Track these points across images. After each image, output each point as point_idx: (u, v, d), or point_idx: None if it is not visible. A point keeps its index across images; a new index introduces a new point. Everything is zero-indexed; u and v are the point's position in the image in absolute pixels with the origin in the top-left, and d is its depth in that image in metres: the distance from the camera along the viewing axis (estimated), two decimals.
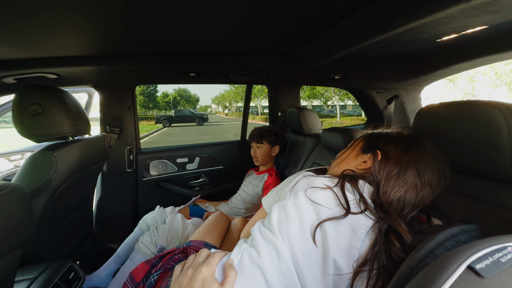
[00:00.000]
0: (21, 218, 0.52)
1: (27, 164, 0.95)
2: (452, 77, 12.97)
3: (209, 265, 0.49)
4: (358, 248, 0.48)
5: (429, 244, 0.38)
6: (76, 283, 0.91)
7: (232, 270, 0.48)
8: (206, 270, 0.48)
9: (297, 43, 1.23)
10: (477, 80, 12.79)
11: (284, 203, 0.54)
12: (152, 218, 1.29)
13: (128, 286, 0.62)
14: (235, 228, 0.91)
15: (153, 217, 1.29)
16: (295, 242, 0.48)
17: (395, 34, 0.97)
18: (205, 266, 0.48)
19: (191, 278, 0.47)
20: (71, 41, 1.01)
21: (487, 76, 11.93)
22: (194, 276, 0.47)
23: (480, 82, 12.71)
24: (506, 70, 11.20)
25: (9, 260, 0.54)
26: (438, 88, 14.34)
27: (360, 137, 0.70)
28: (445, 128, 0.59)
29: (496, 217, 0.45)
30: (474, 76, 12.75)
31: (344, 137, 1.05)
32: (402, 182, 0.53)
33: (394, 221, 0.49)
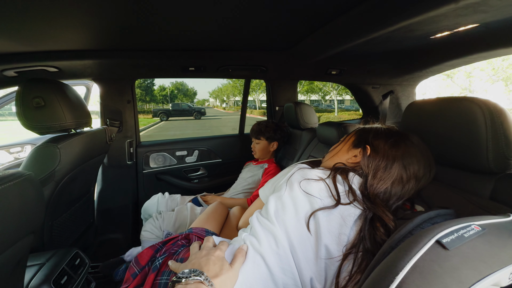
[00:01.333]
0: (35, 205, 0.56)
1: (32, 156, 0.98)
2: (449, 72, 13.02)
3: (221, 250, 0.55)
4: (347, 234, 0.52)
5: (408, 226, 0.42)
6: (81, 269, 0.95)
7: (242, 253, 0.53)
8: (219, 251, 0.54)
9: (295, 39, 1.26)
10: (475, 76, 12.85)
11: (280, 194, 0.58)
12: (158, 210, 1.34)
13: (133, 269, 0.67)
14: (233, 217, 0.96)
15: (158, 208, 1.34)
16: (291, 230, 0.53)
17: (390, 31, 1.00)
18: (219, 250, 0.55)
19: (207, 253, 0.53)
20: (72, 35, 1.02)
21: (485, 71, 11.99)
22: (210, 252, 0.53)
23: (477, 78, 12.78)
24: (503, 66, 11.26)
25: (24, 244, 0.57)
26: (435, 84, 14.41)
27: (352, 132, 0.73)
28: (430, 123, 0.63)
29: (471, 204, 0.50)
30: (471, 71, 12.80)
31: (339, 131, 1.09)
32: (389, 175, 0.58)
33: (379, 210, 0.53)
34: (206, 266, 0.50)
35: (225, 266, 0.50)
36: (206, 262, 0.51)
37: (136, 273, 0.67)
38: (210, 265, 0.50)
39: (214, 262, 0.51)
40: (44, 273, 0.81)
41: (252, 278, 0.51)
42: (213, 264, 0.50)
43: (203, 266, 0.50)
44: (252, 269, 0.51)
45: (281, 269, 0.51)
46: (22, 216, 0.51)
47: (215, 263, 0.51)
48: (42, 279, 0.78)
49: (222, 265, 0.50)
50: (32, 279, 0.78)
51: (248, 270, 0.51)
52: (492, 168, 0.51)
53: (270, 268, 0.51)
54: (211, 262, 0.51)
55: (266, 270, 0.51)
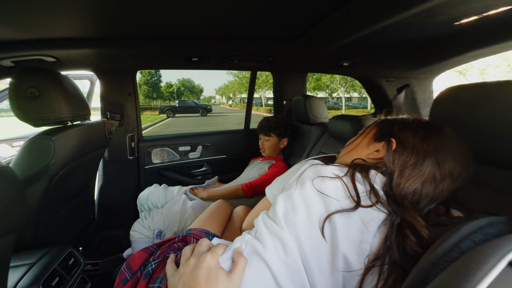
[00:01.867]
0: (10, 202, 0.49)
1: (25, 148, 0.93)
2: (462, 69, 12.64)
3: (213, 253, 0.46)
4: (370, 242, 0.44)
5: (454, 237, 0.34)
6: (76, 269, 0.90)
7: (241, 257, 0.45)
8: (210, 257, 0.45)
9: (304, 27, 1.17)
10: (488, 73, 12.44)
11: (290, 194, 0.50)
12: (148, 200, 1.28)
13: (124, 274, 0.60)
14: (237, 217, 0.89)
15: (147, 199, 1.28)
16: (302, 236, 0.45)
17: (410, 16, 0.90)
18: (210, 254, 0.45)
19: (195, 267, 0.44)
20: (69, 21, 0.96)
21: (499, 68, 11.58)
22: (198, 264, 0.44)
23: (491, 75, 12.36)
24: None
25: (1, 245, 0.51)
26: (447, 81, 14.02)
27: (373, 124, 0.65)
28: (469, 113, 0.53)
29: None
30: (485, 68, 12.41)
31: (353, 125, 1.00)
32: (419, 173, 0.49)
33: (409, 214, 0.45)
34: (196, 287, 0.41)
35: (220, 277, 0.42)
36: (195, 281, 0.42)
37: (127, 279, 0.61)
38: (201, 284, 0.41)
39: (205, 277, 0.42)
40: (33, 273, 0.75)
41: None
42: (204, 281, 0.42)
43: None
44: (256, 278, 0.44)
45: (290, 281, 0.43)
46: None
47: (208, 279, 0.42)
48: (31, 280, 0.73)
49: (217, 278, 0.42)
50: (20, 280, 0.73)
51: (251, 279, 0.43)
52: None
53: (277, 279, 0.43)
54: (201, 278, 0.42)
55: (272, 281, 0.43)
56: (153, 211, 1.15)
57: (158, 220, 1.10)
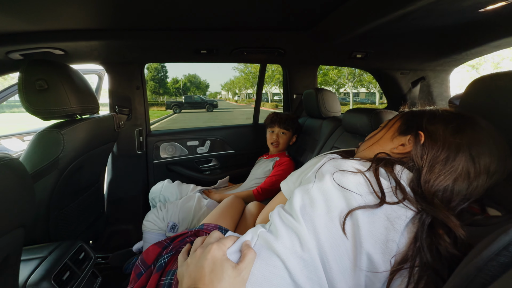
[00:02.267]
0: (18, 195, 0.48)
1: (34, 142, 0.92)
2: (475, 63, 12.23)
3: (220, 244, 0.44)
4: (397, 241, 0.41)
5: (501, 239, 0.30)
6: (86, 263, 0.90)
7: (250, 249, 0.43)
8: (216, 248, 0.43)
9: (317, 16, 1.12)
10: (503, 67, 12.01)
11: (308, 187, 0.47)
12: (161, 194, 1.28)
13: (139, 268, 0.60)
14: (249, 214, 0.86)
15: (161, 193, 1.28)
16: (321, 231, 0.42)
17: (432, 2, 0.84)
18: (216, 245, 0.44)
19: (201, 257, 0.43)
20: (77, 12, 0.94)
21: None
22: (204, 255, 0.43)
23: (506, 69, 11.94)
24: None
25: (11, 239, 0.50)
26: (459, 76, 13.59)
27: (396, 116, 0.61)
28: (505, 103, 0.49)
29: None
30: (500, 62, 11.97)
31: (371, 118, 0.95)
32: (451, 169, 0.45)
33: (441, 213, 0.41)
34: (201, 280, 0.40)
35: (226, 268, 0.40)
36: (200, 271, 0.41)
37: (142, 273, 0.60)
38: (205, 276, 0.40)
39: (210, 268, 0.41)
40: (44, 268, 0.75)
41: (267, 284, 0.41)
42: (209, 271, 0.40)
43: (197, 280, 0.40)
44: (267, 271, 0.41)
45: (305, 277, 0.40)
46: (2, 207, 0.43)
47: (212, 270, 0.41)
48: (42, 275, 0.72)
49: (223, 268, 0.40)
50: (32, 274, 0.72)
51: (262, 272, 0.41)
52: None
53: (292, 274, 0.40)
54: (206, 268, 0.41)
55: (285, 275, 0.41)
56: (168, 204, 1.15)
57: (173, 212, 1.10)
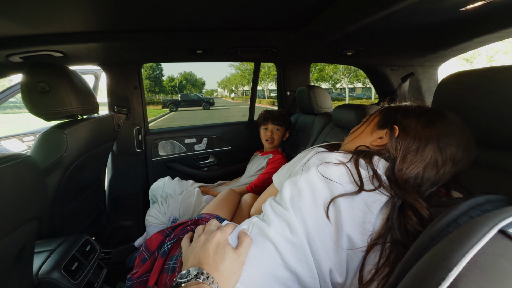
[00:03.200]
0: (34, 189, 0.53)
1: (39, 142, 0.96)
2: (469, 56, 12.33)
3: (223, 232, 0.50)
4: (373, 223, 0.46)
5: (452, 213, 0.36)
6: (92, 255, 0.95)
7: (246, 236, 0.48)
8: (220, 234, 0.49)
9: (308, 15, 1.16)
10: (497, 60, 12.13)
11: (296, 179, 0.53)
12: (163, 191, 1.33)
13: (143, 254, 0.65)
14: (245, 204, 0.92)
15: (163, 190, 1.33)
16: (308, 217, 0.48)
17: (417, 2, 0.89)
18: (219, 231, 0.49)
19: (206, 241, 0.48)
20: (75, 15, 0.98)
21: (508, 55, 11.28)
22: (208, 239, 0.48)
23: (500, 62, 12.06)
24: None
25: (27, 230, 0.55)
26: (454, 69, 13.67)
27: (376, 112, 0.66)
28: (471, 98, 0.54)
29: None
30: (493, 55, 12.09)
31: (358, 113, 1.01)
32: (421, 158, 0.51)
33: (410, 197, 0.47)
34: (205, 260, 0.45)
35: (227, 251, 0.46)
36: (205, 253, 0.46)
37: (146, 258, 0.65)
38: (209, 256, 0.45)
39: (214, 250, 0.46)
40: (54, 259, 0.80)
41: (261, 265, 0.46)
42: (213, 253, 0.46)
43: (202, 260, 0.45)
44: (260, 254, 0.47)
45: (295, 258, 0.46)
46: (20, 200, 0.48)
47: (216, 252, 0.46)
48: (52, 265, 0.78)
49: (224, 251, 0.46)
50: (43, 265, 0.77)
51: (256, 255, 0.47)
52: None
53: (283, 255, 0.46)
54: (210, 251, 0.46)
55: (277, 257, 0.46)
56: (169, 199, 1.20)
57: (174, 207, 1.16)
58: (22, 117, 11.55)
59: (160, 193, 1.33)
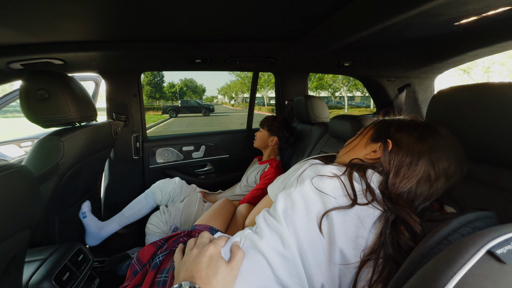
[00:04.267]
0: (27, 199, 0.53)
1: (35, 149, 0.96)
2: (466, 67, 12.50)
3: (216, 245, 0.49)
4: (365, 237, 0.46)
5: (443, 230, 0.36)
6: (85, 265, 0.93)
7: (239, 250, 0.48)
8: (213, 248, 0.48)
9: (306, 28, 1.19)
10: (493, 71, 12.30)
11: (290, 192, 0.53)
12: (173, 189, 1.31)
13: (135, 267, 0.64)
14: (240, 215, 0.91)
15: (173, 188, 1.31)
16: (300, 231, 0.47)
17: (410, 17, 0.92)
18: (212, 245, 0.49)
19: (198, 254, 0.48)
20: (76, 25, 0.99)
21: (505, 66, 11.45)
22: (201, 252, 0.48)
23: (496, 73, 12.23)
24: None
25: (18, 240, 0.55)
26: (451, 80, 13.87)
27: (370, 125, 0.66)
28: (462, 113, 0.55)
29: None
30: (490, 66, 12.27)
31: (353, 124, 1.02)
32: (414, 172, 0.51)
33: (403, 212, 0.47)
34: (198, 273, 0.44)
35: (220, 265, 0.45)
36: (197, 266, 0.45)
37: (137, 271, 0.64)
38: (202, 270, 0.45)
39: (207, 264, 0.45)
40: (45, 269, 0.79)
41: (252, 279, 0.45)
42: (206, 266, 0.45)
43: (194, 274, 0.44)
44: (252, 268, 0.46)
45: (286, 272, 0.46)
46: (12, 210, 0.48)
47: (208, 265, 0.45)
48: (43, 275, 0.76)
49: (217, 265, 0.45)
50: (33, 275, 0.76)
51: (248, 269, 0.46)
52: None
53: (274, 270, 0.46)
54: (203, 264, 0.45)
55: (269, 271, 0.46)
56: (170, 206, 1.19)
57: (175, 215, 1.15)
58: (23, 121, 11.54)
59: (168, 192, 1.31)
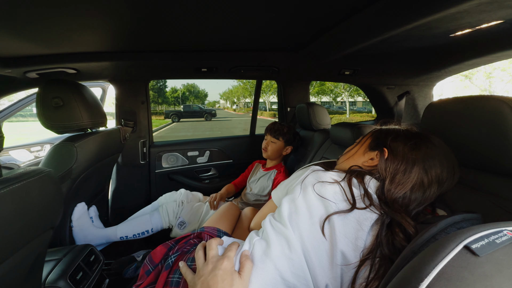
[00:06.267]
0: (54, 200, 0.57)
1: (50, 154, 1.01)
2: (468, 73, 12.54)
3: (229, 259, 0.52)
4: (364, 239, 0.50)
5: (432, 230, 0.40)
6: (96, 265, 0.97)
7: (248, 260, 0.51)
8: (227, 263, 0.51)
9: (308, 39, 1.24)
10: (495, 76, 12.32)
11: (294, 197, 0.56)
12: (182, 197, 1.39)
13: (147, 266, 0.67)
14: (245, 218, 0.95)
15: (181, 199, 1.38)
16: (305, 234, 0.51)
17: (408, 30, 0.96)
18: (226, 260, 0.52)
19: (213, 268, 0.51)
20: (90, 37, 1.05)
21: (506, 72, 11.47)
22: (216, 266, 0.51)
23: (498, 79, 12.24)
24: None
25: (43, 239, 0.59)
26: (453, 85, 13.89)
27: (368, 134, 0.71)
28: (452, 123, 0.60)
29: (500, 208, 0.47)
30: (491, 72, 12.28)
31: (353, 132, 1.06)
32: (408, 179, 0.55)
33: (398, 215, 0.51)
34: (214, 285, 0.48)
35: (235, 278, 0.49)
36: (214, 280, 0.49)
37: (150, 271, 0.68)
38: (218, 283, 0.48)
39: (222, 277, 0.49)
40: (61, 268, 0.83)
41: (261, 284, 0.49)
42: (221, 280, 0.48)
43: (211, 286, 0.48)
44: (261, 275, 0.50)
45: (293, 274, 0.49)
46: (43, 211, 0.52)
47: (224, 279, 0.49)
48: (59, 274, 0.80)
49: (232, 278, 0.49)
50: (50, 274, 0.80)
51: (257, 277, 0.50)
52: None
53: (282, 273, 0.49)
54: (219, 278, 0.49)
55: (277, 275, 0.49)
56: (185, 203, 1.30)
57: (186, 212, 1.24)
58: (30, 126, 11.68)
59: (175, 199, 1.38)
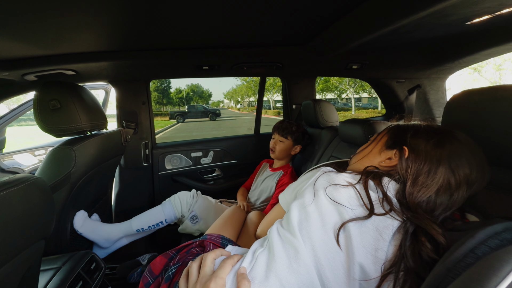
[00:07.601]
0: (43, 210, 0.53)
1: (48, 158, 0.98)
2: (476, 65, 12.21)
3: (217, 279, 0.46)
4: (385, 250, 0.44)
5: (469, 242, 0.34)
6: (97, 273, 0.94)
7: (244, 280, 0.44)
8: (214, 285, 0.45)
9: (312, 32, 1.18)
10: (506, 68, 11.97)
11: (303, 202, 0.50)
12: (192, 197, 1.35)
13: (147, 278, 0.63)
14: (251, 223, 0.90)
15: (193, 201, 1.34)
16: (317, 244, 0.45)
17: (420, 18, 0.90)
18: (213, 282, 0.45)
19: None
20: (87, 37, 1.02)
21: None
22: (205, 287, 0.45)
23: (508, 70, 11.89)
24: None
25: (33, 251, 0.55)
26: (461, 78, 13.54)
27: (384, 131, 0.64)
28: (481, 116, 0.53)
29: None
30: (501, 64, 11.94)
31: (364, 129, 1.00)
32: (433, 181, 0.48)
33: (424, 222, 0.44)
34: None
35: None
36: None
37: (150, 283, 0.64)
38: None
39: None
40: (59, 277, 0.80)
41: None
42: None
43: None
44: None
45: None
46: (27, 222, 0.49)
47: None
48: (57, 284, 0.77)
49: None
50: (48, 284, 0.77)
51: None
52: None
53: None
54: None
55: None
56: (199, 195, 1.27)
57: (199, 206, 1.21)
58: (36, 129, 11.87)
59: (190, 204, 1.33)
